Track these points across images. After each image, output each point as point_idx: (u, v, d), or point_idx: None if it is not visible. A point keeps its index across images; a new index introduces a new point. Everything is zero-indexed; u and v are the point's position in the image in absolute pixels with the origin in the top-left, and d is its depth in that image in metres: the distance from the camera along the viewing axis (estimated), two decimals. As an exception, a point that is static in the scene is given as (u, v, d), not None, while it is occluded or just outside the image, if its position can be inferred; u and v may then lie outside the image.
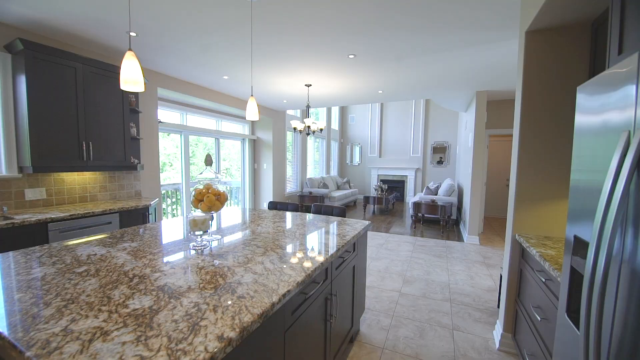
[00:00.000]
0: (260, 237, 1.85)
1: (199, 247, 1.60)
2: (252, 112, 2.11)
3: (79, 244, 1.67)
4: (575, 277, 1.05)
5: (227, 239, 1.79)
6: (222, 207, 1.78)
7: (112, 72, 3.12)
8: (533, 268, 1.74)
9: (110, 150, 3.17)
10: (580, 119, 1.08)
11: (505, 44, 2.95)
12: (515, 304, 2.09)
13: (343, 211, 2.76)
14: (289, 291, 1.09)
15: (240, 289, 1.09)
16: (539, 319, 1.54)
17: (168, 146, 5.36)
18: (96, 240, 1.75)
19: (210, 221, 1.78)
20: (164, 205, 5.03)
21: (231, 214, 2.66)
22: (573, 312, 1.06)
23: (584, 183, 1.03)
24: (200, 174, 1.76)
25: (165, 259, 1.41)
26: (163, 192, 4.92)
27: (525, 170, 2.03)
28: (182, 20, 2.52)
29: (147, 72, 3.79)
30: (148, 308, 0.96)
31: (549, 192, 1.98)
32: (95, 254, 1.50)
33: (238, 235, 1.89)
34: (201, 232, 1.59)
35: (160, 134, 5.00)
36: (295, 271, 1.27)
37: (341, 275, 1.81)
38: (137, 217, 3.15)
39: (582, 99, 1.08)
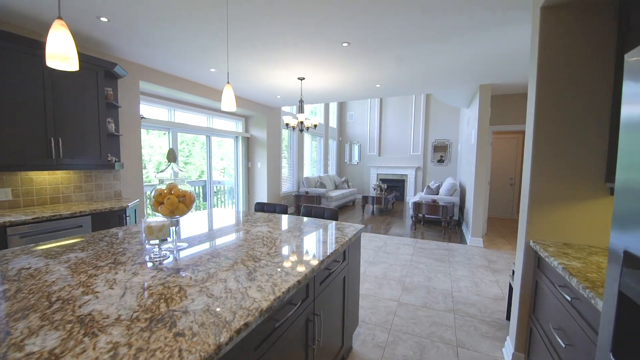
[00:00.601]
0: (233, 245, 1.59)
1: (156, 259, 1.34)
2: (228, 102, 1.84)
3: (18, 254, 1.41)
4: (627, 307, 0.79)
5: (195, 248, 1.54)
6: (189, 210, 1.53)
7: (85, 62, 2.87)
8: (553, 282, 1.48)
9: (84, 148, 2.92)
10: (632, 109, 0.82)
11: (512, 30, 2.68)
12: (529, 320, 1.83)
13: (335, 213, 2.50)
14: (246, 324, 0.83)
15: (183, 321, 0.83)
16: (562, 345, 1.28)
17: (164, 145, 5.19)
18: (42, 249, 1.49)
19: (175, 227, 1.54)
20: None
21: (209, 217, 2.40)
22: (621, 351, 0.81)
23: (636, 184, 0.77)
24: (162, 171, 1.50)
25: (109, 275, 1.16)
26: (148, 192, 4.67)
27: (541, 168, 1.77)
28: (160, 7, 2.27)
29: (127, 64, 3.53)
30: (47, 352, 0.70)
31: (569, 192, 1.72)
32: (29, 268, 1.24)
33: (209, 244, 1.63)
34: (157, 241, 1.33)
35: (157, 132, 4.77)
36: (262, 293, 1.01)
37: (328, 289, 1.56)
38: (113, 219, 2.90)
39: (632, 85, 0.82)
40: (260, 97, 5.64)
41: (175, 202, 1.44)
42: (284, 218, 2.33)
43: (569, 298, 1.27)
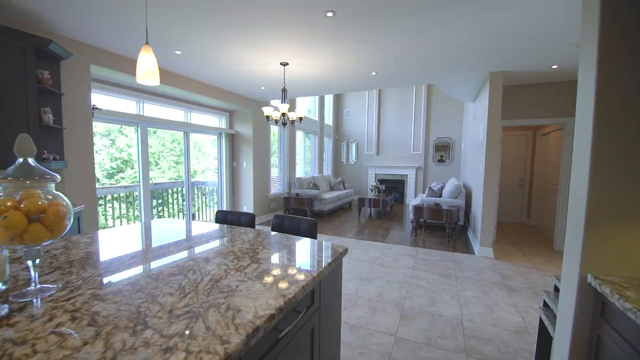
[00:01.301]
0: (130, 288, 1.01)
1: (-33, 325, 0.77)
2: (144, 70, 1.25)
3: None
4: None
5: (62, 294, 0.96)
6: (60, 232, 0.96)
7: (11, 37, 2.31)
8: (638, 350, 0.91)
9: (6, 142, 2.35)
10: None
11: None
12: (583, 389, 1.26)
13: (313, 226, 1.93)
14: None
15: None
16: None
17: (154, 144, 4.91)
18: None
19: (33, 261, 0.97)
20: (151, 207, 4.22)
21: (153, 231, 1.83)
22: None
23: None
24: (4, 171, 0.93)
25: None
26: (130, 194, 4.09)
27: (606, 172, 1.20)
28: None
29: (72, 44, 2.96)
30: None
31: (650, 205, 1.15)
32: None
33: (94, 283, 1.06)
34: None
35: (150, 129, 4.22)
36: None
37: (283, 355, 0.98)
38: (40, 231, 2.33)
39: None
40: (243, 88, 5.07)
41: (21, 223, 0.87)
42: (241, 234, 1.76)
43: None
